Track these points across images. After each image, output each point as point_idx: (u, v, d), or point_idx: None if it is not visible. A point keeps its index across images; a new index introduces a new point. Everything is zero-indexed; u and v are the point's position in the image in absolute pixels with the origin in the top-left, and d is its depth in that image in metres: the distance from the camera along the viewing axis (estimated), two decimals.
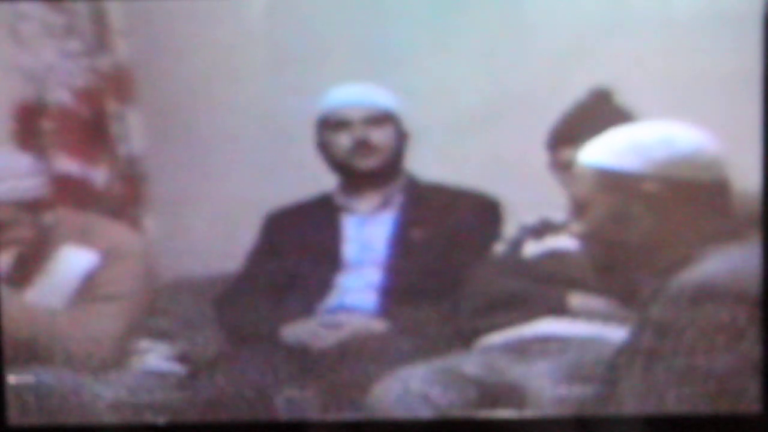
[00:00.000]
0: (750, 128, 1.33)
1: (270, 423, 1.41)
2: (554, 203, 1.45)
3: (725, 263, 1.27)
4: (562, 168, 1.44)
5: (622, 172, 1.32)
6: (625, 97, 1.39)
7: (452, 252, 1.47)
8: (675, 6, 1.34)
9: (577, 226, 1.37)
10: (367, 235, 1.51)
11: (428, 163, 1.47)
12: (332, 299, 1.49)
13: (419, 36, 1.41)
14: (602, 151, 1.35)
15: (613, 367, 1.32)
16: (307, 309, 1.48)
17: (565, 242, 1.45)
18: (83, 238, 1.45)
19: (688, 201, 1.32)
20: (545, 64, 1.39)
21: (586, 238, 1.36)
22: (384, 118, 1.49)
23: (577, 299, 1.43)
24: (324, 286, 1.49)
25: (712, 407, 1.30)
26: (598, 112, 1.39)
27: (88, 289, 1.45)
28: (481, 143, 1.43)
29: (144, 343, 1.48)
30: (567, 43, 1.37)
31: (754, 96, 1.32)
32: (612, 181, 1.32)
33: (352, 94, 1.48)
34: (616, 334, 1.37)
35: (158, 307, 1.49)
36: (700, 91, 1.34)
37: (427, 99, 1.44)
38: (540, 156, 1.45)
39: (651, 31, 1.35)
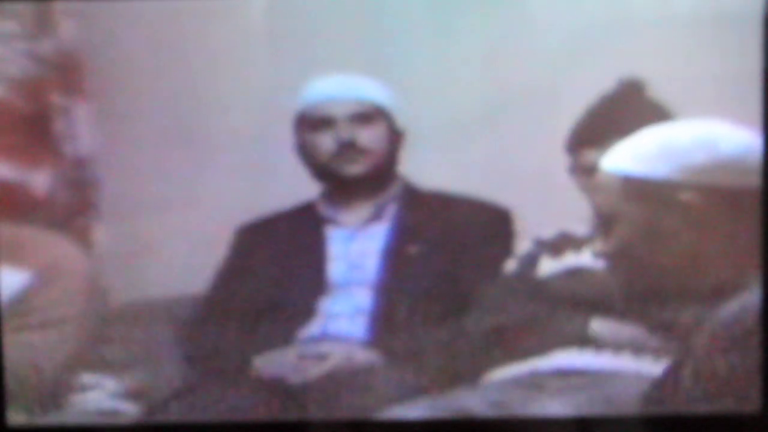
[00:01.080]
0: (750, 128, 1.33)
1: (270, 423, 1.39)
2: (574, 214, 1.41)
3: None
4: (585, 173, 1.38)
5: (653, 180, 1.28)
6: None
7: (455, 270, 1.43)
8: (675, 6, 1.36)
9: (602, 243, 1.32)
10: (356, 251, 1.46)
11: (427, 167, 1.43)
12: (315, 326, 1.44)
13: (419, 28, 1.39)
14: (630, 155, 1.31)
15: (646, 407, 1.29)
16: (286, 337, 1.43)
17: (587, 259, 1.40)
18: (14, 254, 1.40)
19: (733, 213, 1.28)
20: (552, 59, 1.37)
21: (612, 256, 1.32)
22: (373, 115, 1.43)
23: (602, 326, 1.38)
24: (306, 310, 1.44)
25: (712, 407, 1.29)
26: (627, 108, 1.34)
27: (18, 314, 1.40)
28: (488, 144, 1.39)
29: (87, 378, 1.42)
30: (569, 38, 1.36)
31: (754, 96, 1.34)
32: (642, 190, 1.28)
33: (336, 87, 1.43)
34: (648, 368, 1.32)
35: (107, 335, 1.43)
36: (700, 91, 1.34)
37: (425, 94, 1.40)
38: (558, 159, 1.41)
39: (651, 31, 1.36)
